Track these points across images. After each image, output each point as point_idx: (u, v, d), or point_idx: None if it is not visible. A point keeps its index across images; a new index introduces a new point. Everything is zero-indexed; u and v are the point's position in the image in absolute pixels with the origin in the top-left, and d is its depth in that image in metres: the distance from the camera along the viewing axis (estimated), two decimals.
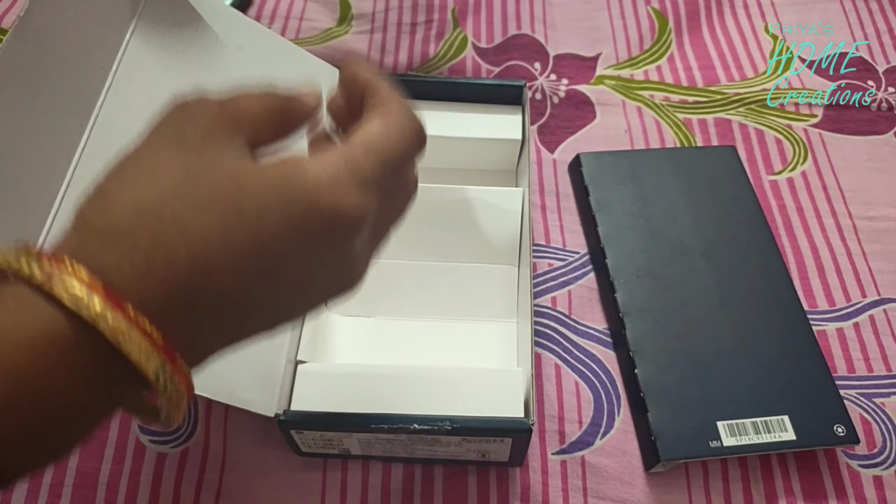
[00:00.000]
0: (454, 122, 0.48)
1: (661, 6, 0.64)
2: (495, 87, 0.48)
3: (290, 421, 0.35)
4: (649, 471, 0.41)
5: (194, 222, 0.20)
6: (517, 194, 0.45)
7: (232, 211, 0.21)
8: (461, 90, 0.48)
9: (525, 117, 0.48)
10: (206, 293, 0.21)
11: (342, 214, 0.22)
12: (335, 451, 0.39)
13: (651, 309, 0.45)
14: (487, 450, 0.37)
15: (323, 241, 0.22)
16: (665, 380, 0.42)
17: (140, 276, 0.20)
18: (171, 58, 0.37)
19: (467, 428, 0.34)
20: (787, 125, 0.57)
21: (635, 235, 0.48)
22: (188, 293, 0.20)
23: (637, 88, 0.59)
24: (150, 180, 0.21)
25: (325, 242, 0.22)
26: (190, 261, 0.20)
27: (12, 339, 0.18)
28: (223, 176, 0.21)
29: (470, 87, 0.48)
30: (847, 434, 0.40)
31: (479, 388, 0.36)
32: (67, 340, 0.19)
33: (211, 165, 0.21)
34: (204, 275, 0.20)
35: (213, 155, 0.22)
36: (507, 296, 0.43)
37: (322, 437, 0.37)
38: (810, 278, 0.49)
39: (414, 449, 0.38)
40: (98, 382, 0.20)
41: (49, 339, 0.19)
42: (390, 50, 0.61)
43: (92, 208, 0.21)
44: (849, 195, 0.53)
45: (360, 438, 0.36)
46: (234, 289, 0.21)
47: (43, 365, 0.19)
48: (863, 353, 0.46)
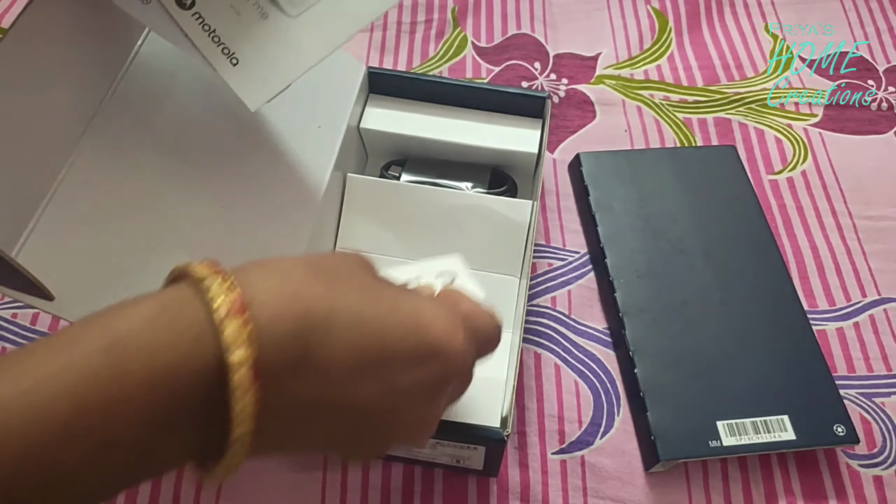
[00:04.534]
0: (471, 130, 0.47)
1: (661, 6, 0.64)
2: (518, 96, 0.47)
3: None
4: (649, 470, 0.41)
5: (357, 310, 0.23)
6: (526, 206, 0.45)
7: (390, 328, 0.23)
8: (480, 97, 0.48)
9: (544, 130, 0.47)
10: (314, 364, 0.22)
11: (452, 348, 0.25)
12: None
13: (651, 309, 0.45)
14: (462, 456, 0.37)
15: (429, 365, 0.24)
16: (665, 379, 0.42)
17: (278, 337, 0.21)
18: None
19: (441, 431, 0.34)
20: (787, 125, 0.57)
21: (635, 235, 0.48)
22: (300, 358, 0.21)
23: (637, 88, 0.59)
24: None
25: (431, 367, 0.24)
26: (324, 323, 0.22)
27: (178, 363, 0.20)
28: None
29: (491, 95, 0.48)
30: (847, 434, 0.40)
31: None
32: (200, 382, 0.20)
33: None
34: (323, 347, 0.22)
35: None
36: (507, 306, 0.43)
37: None
38: (810, 278, 0.49)
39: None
40: (191, 429, 0.21)
41: (196, 379, 0.20)
42: (390, 49, 0.61)
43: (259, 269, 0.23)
44: (849, 195, 0.53)
45: None
46: (337, 378, 0.22)
47: (181, 398, 0.20)
48: (863, 352, 0.46)
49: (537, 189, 0.45)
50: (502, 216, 0.45)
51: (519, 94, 0.47)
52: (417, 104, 0.48)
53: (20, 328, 0.45)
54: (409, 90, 0.48)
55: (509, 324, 0.43)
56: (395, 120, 0.48)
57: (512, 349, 0.39)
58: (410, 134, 0.47)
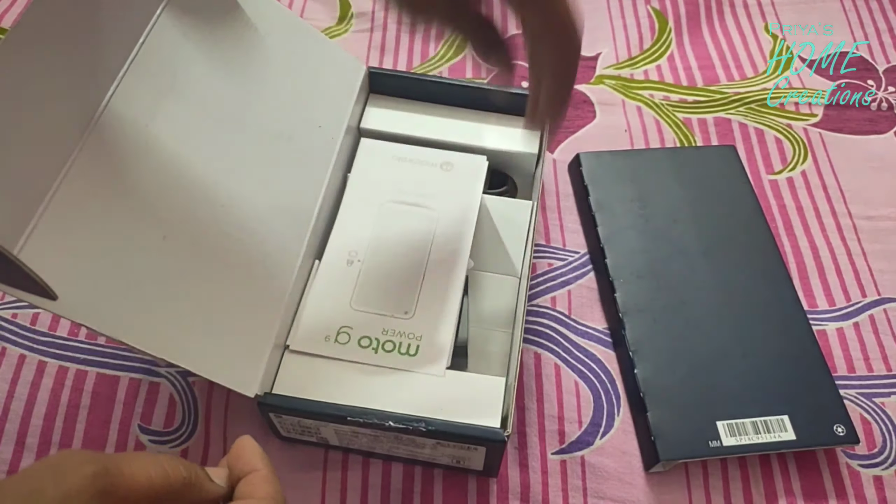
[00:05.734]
0: (472, 130, 0.47)
1: (661, 6, 0.64)
2: (519, 96, 0.47)
3: (268, 403, 0.35)
4: (649, 471, 0.41)
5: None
6: (526, 207, 0.45)
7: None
8: (481, 97, 0.48)
9: (545, 131, 0.47)
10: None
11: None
12: (313, 438, 0.39)
13: (651, 309, 0.45)
14: (462, 456, 0.37)
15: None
16: (665, 380, 0.42)
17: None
18: (199, 35, 0.37)
19: (442, 432, 0.34)
20: (787, 125, 0.57)
21: (635, 235, 0.48)
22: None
23: (637, 88, 0.59)
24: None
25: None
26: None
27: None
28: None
29: (492, 95, 0.47)
30: (847, 434, 0.40)
31: (460, 393, 0.36)
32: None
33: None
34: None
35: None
36: (507, 306, 0.43)
37: (300, 424, 0.37)
38: (810, 278, 0.49)
39: (390, 446, 0.38)
40: None
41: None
42: (390, 49, 0.61)
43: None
44: (849, 195, 0.53)
45: (337, 429, 0.36)
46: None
47: None
48: (863, 352, 0.46)
49: (537, 190, 0.45)
50: (502, 216, 0.45)
51: (520, 94, 0.47)
52: (418, 104, 0.48)
53: (20, 328, 0.45)
54: (409, 90, 0.48)
55: (509, 324, 0.43)
56: (395, 120, 0.48)
57: (512, 349, 0.39)
58: (411, 134, 0.47)
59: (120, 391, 0.43)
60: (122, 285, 0.30)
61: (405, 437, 0.35)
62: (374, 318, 0.39)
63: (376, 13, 0.63)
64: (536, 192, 0.45)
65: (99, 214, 0.30)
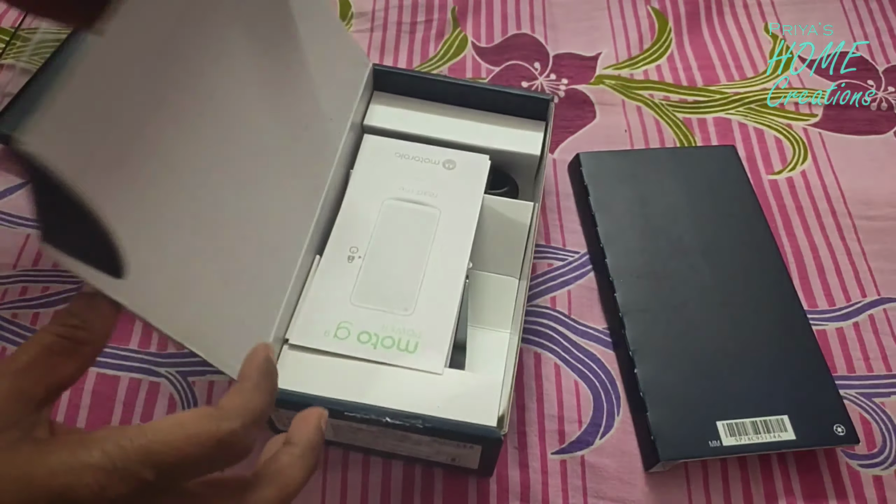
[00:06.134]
0: (474, 130, 0.47)
1: (661, 6, 0.64)
2: (522, 97, 0.47)
3: None
4: (649, 470, 0.41)
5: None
6: (527, 208, 0.45)
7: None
8: (484, 97, 0.48)
9: (547, 133, 0.47)
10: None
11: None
12: None
13: (651, 309, 0.45)
14: (457, 454, 0.37)
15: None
16: (665, 380, 0.42)
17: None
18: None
19: (439, 429, 0.34)
20: (787, 125, 0.57)
21: (635, 235, 0.48)
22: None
23: (637, 88, 0.59)
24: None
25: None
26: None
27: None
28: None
29: (495, 95, 0.48)
30: (847, 434, 0.40)
31: (458, 391, 0.36)
32: None
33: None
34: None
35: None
36: (507, 306, 0.43)
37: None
38: (810, 278, 0.49)
39: (387, 443, 0.38)
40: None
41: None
42: (390, 49, 0.61)
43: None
44: (849, 195, 0.53)
45: (333, 424, 0.36)
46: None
47: None
48: (863, 352, 0.46)
49: (539, 191, 0.45)
50: (503, 217, 0.45)
51: (523, 95, 0.47)
52: (421, 103, 0.48)
53: (20, 328, 0.45)
54: (413, 88, 0.48)
55: (509, 324, 0.43)
56: (398, 118, 0.48)
57: (511, 349, 0.39)
58: (414, 132, 0.47)
59: (120, 391, 0.43)
60: (202, 285, 0.30)
61: (402, 433, 0.35)
62: (373, 315, 0.39)
63: (376, 13, 0.63)
64: (538, 193, 0.45)
65: (158, 187, 0.29)
